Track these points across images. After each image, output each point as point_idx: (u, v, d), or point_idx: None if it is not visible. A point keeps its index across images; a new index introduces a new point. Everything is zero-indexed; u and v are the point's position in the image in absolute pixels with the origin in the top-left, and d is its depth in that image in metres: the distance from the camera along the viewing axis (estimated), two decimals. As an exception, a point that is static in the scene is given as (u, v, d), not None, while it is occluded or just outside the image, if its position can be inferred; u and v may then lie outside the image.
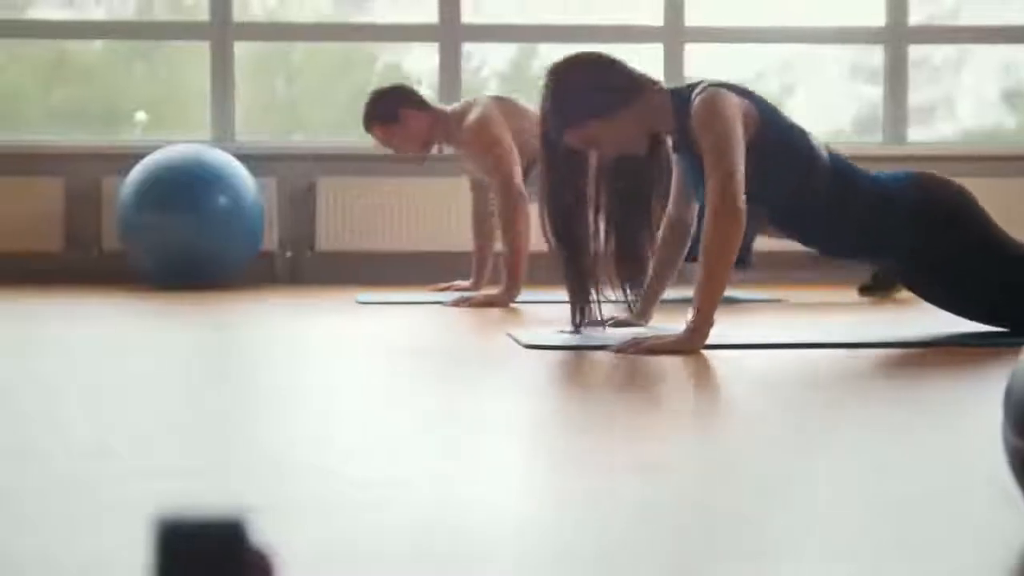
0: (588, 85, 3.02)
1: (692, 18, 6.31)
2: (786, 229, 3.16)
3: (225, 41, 6.20)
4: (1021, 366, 1.18)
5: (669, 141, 3.13)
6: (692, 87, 3.03)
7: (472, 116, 4.64)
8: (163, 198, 5.38)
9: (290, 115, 6.81)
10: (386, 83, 4.92)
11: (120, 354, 2.87)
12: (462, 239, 5.74)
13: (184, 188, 5.39)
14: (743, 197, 2.84)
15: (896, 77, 6.38)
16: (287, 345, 3.14)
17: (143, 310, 4.28)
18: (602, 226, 3.18)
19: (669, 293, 3.42)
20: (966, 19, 6.74)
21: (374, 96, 4.80)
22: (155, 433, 1.80)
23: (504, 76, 6.89)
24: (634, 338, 2.87)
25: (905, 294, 4.72)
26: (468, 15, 6.29)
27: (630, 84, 3.04)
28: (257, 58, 6.62)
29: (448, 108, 4.84)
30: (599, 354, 2.80)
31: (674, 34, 6.29)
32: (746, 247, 4.61)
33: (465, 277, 5.23)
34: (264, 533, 1.19)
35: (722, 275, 2.84)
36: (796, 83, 6.99)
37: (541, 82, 3.09)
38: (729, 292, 5.03)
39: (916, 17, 6.52)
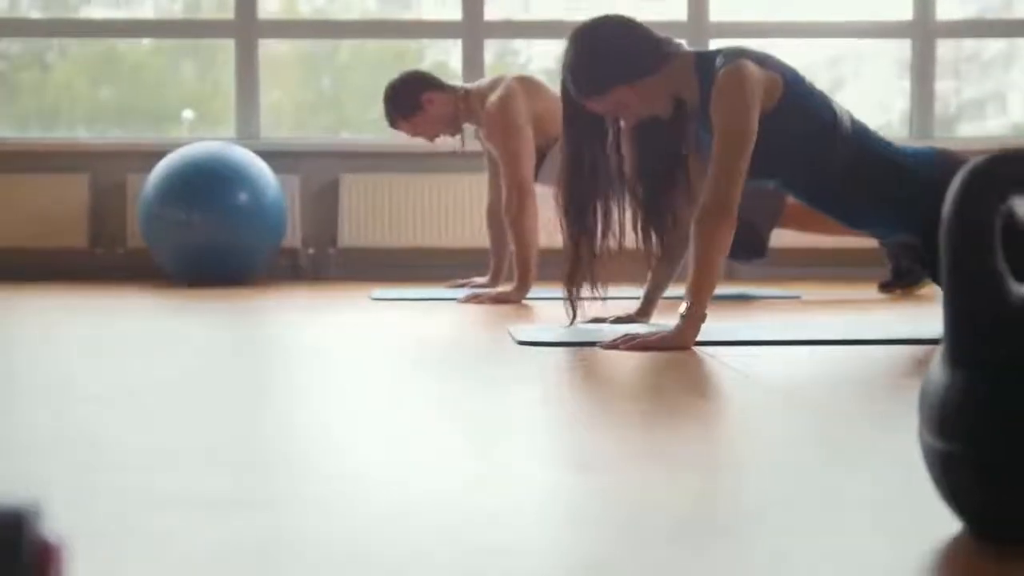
0: (612, 51, 2.99)
1: (716, 13, 6.28)
2: (802, 194, 3.12)
3: (250, 38, 6.24)
4: (933, 367, 1.17)
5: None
6: (717, 53, 3.00)
7: (495, 96, 4.61)
8: (184, 195, 5.41)
9: (337, 112, 6.85)
10: (400, 73, 4.85)
11: (127, 350, 2.89)
12: (484, 235, 5.73)
13: (205, 185, 5.43)
14: (737, 196, 2.83)
15: (923, 72, 6.31)
16: (294, 343, 3.15)
17: (161, 307, 4.31)
18: (625, 200, 3.15)
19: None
20: (1020, 12, 6.63)
21: (392, 89, 4.74)
22: (137, 429, 1.82)
23: (550, 72, 6.89)
24: (626, 334, 2.86)
25: (926, 290, 4.68)
26: (515, 11, 6.30)
27: (655, 50, 3.01)
28: (304, 55, 6.67)
29: (472, 86, 4.81)
30: (591, 350, 2.80)
31: (698, 29, 6.26)
32: (761, 239, 4.59)
33: (486, 273, 5.22)
34: (53, 524, 1.20)
35: (712, 271, 2.83)
36: (844, 78, 6.93)
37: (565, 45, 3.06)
38: (746, 289, 5.02)
39: (967, 11, 6.43)
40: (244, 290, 5.18)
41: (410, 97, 4.70)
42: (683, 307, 2.82)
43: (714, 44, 6.24)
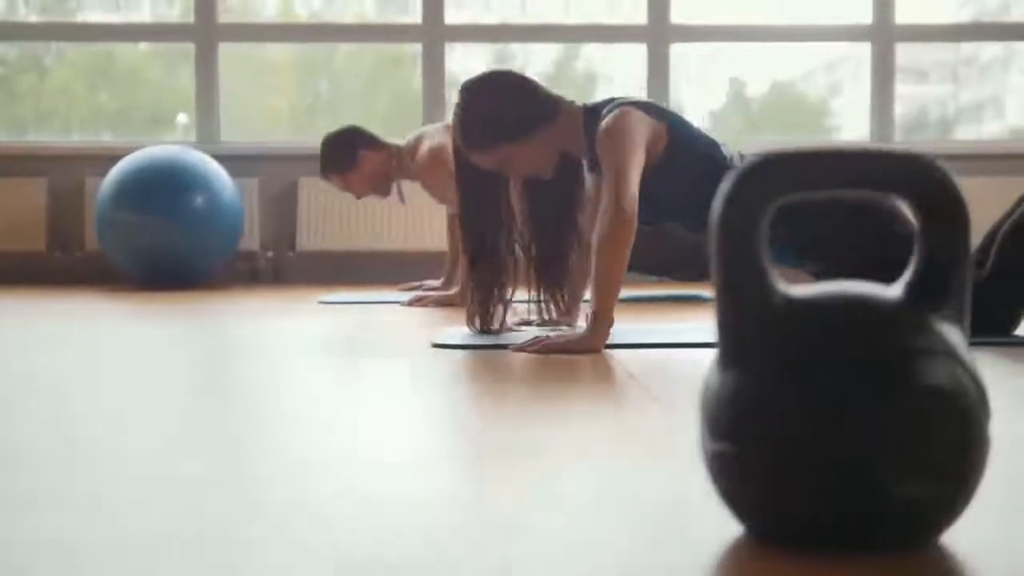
0: (499, 108, 3.02)
1: (677, 16, 6.28)
2: (707, 235, 3.16)
3: (210, 42, 6.24)
4: (709, 369, 1.17)
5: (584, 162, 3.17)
6: (606, 103, 3.04)
7: (424, 148, 4.65)
8: (139, 199, 5.42)
9: (332, 116, 6.89)
10: (336, 128, 4.86)
11: (54, 352, 2.90)
12: (442, 239, 5.74)
13: (160, 189, 5.43)
14: (635, 203, 2.84)
15: (882, 76, 6.31)
16: (226, 347, 3.16)
17: (108, 310, 4.31)
18: (525, 238, 3.21)
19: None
20: (1015, 16, 6.63)
21: (329, 142, 4.78)
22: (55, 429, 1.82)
23: (549, 77, 6.91)
24: (534, 337, 2.86)
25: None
26: (452, 15, 6.31)
27: (541, 107, 3.04)
28: (301, 59, 6.70)
29: (402, 142, 4.84)
30: (500, 352, 2.80)
31: (659, 33, 6.26)
32: (705, 257, 4.61)
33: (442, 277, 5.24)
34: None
35: (616, 276, 2.83)
36: (842, 82, 6.95)
37: (455, 101, 3.10)
38: (695, 291, 5.02)
39: (964, 14, 6.42)
40: (198, 293, 5.18)
41: (346, 152, 4.75)
42: (590, 313, 2.83)
43: (675, 48, 6.25)
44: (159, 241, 5.41)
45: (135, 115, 6.70)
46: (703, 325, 3.58)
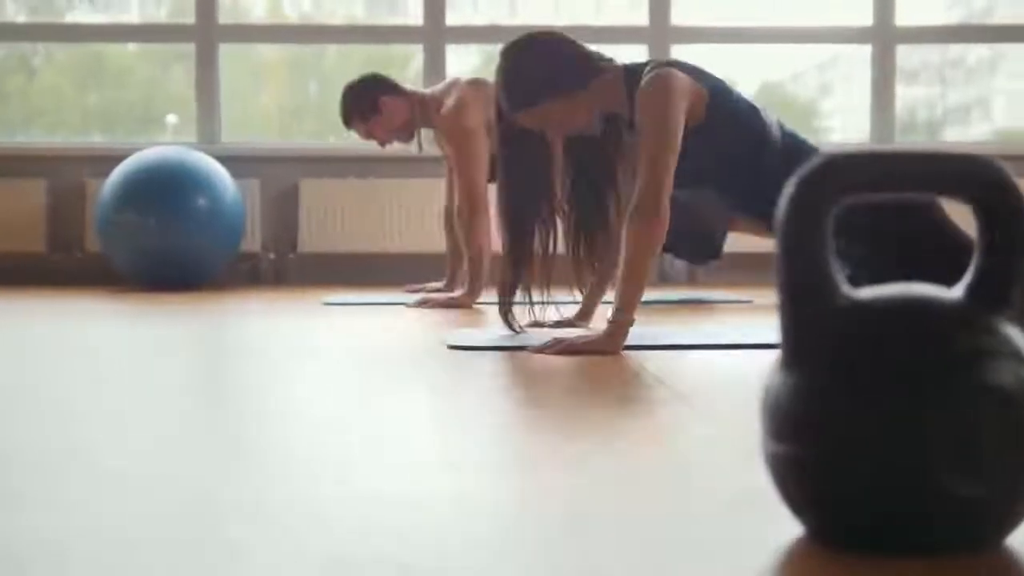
0: (541, 66, 3.03)
1: (677, 17, 6.28)
2: (738, 201, 3.14)
3: (211, 43, 6.23)
4: (771, 370, 1.17)
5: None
6: (645, 65, 3.03)
7: (450, 102, 4.62)
8: (140, 200, 5.40)
9: (322, 117, 6.88)
10: (358, 76, 4.85)
11: (54, 353, 2.88)
12: (444, 240, 5.73)
13: (160, 189, 5.42)
14: (667, 201, 2.82)
15: (883, 77, 6.32)
16: (224, 349, 3.15)
17: (108, 312, 4.30)
18: (565, 207, 3.21)
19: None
20: (1000, 18, 6.64)
21: (350, 90, 4.76)
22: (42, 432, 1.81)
23: None
24: (554, 338, 2.86)
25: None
26: (453, 16, 6.30)
27: (583, 65, 3.04)
28: (292, 60, 6.69)
29: (427, 91, 4.82)
30: (516, 354, 2.79)
31: (660, 34, 6.26)
32: (715, 240, 4.60)
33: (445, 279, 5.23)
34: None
35: (641, 275, 2.82)
36: (832, 83, 6.96)
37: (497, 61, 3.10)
38: (699, 293, 5.03)
39: (951, 16, 6.43)
40: (200, 295, 5.17)
41: (367, 99, 4.72)
42: (611, 312, 2.83)
43: (676, 49, 6.25)
44: (160, 242, 5.39)
45: (126, 115, 6.69)
46: (718, 326, 3.58)
